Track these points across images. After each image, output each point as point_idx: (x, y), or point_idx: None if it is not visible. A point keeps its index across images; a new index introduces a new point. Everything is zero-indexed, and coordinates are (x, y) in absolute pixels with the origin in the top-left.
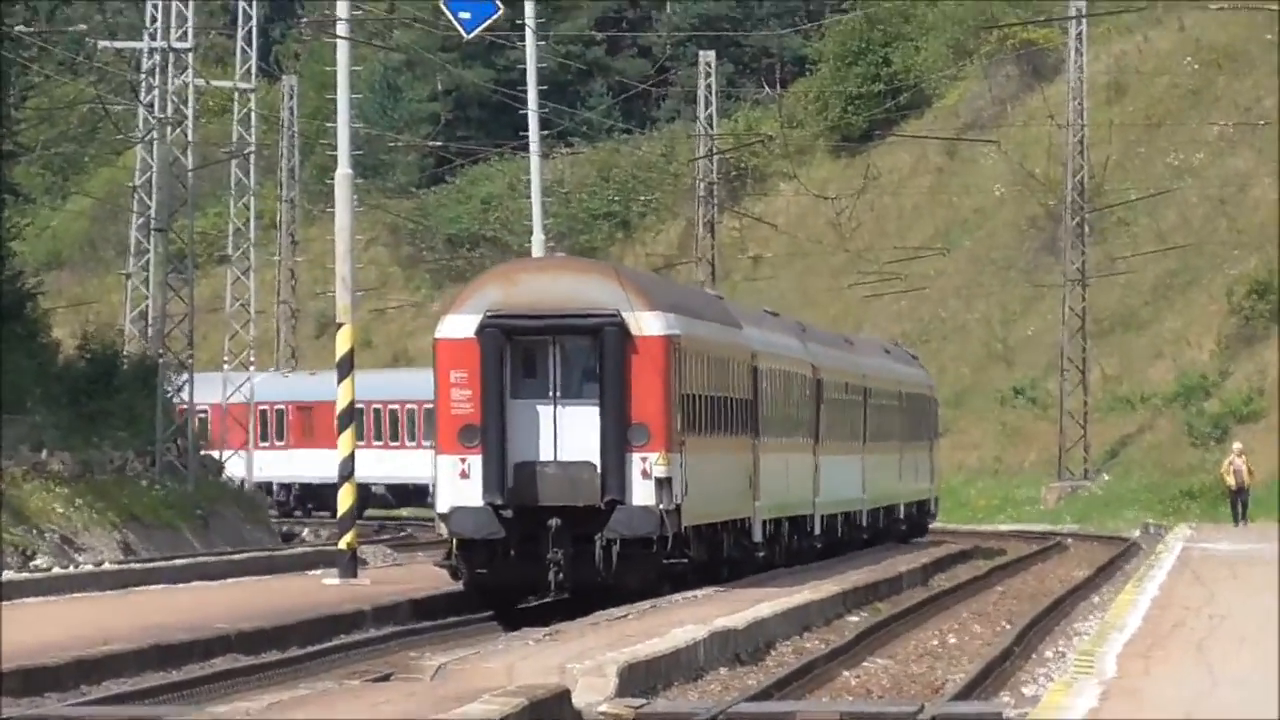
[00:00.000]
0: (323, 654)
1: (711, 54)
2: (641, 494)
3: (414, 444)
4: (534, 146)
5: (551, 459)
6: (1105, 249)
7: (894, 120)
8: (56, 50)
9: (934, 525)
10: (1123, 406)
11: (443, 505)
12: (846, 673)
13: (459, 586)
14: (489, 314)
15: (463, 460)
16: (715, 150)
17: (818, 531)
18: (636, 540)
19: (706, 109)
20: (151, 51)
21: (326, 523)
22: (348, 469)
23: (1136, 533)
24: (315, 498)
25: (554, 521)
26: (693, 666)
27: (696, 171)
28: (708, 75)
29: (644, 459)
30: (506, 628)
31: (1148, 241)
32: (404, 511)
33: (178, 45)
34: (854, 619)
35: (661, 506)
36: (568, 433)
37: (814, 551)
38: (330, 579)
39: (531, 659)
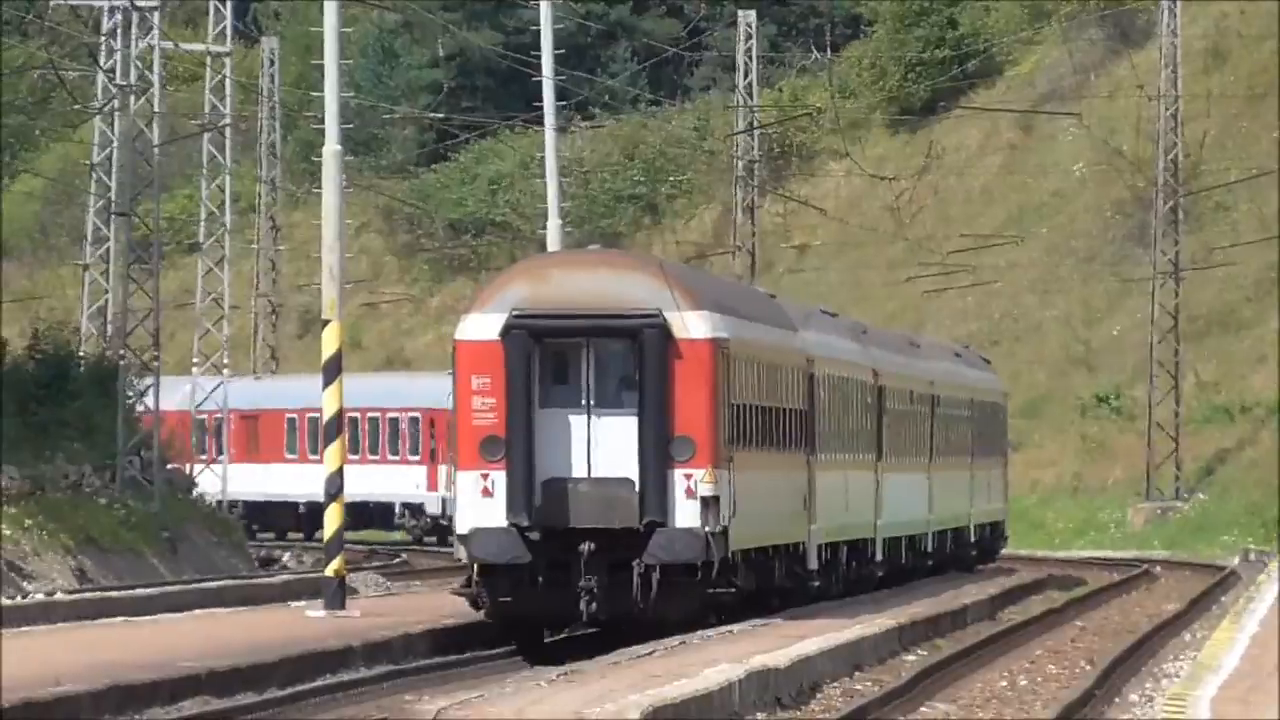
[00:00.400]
0: (306, 696)
1: (752, 13)
2: (685, 515)
3: (376, 458)
4: (549, 119)
5: (584, 475)
6: (1202, 238)
7: (960, 90)
8: (3, 8)
9: (1004, 551)
10: (1220, 417)
11: (462, 526)
12: (902, 718)
13: (462, 620)
14: (515, 313)
15: (485, 476)
16: (756, 124)
17: (879, 558)
18: (679, 567)
19: (746, 77)
20: (112, 10)
21: (310, 547)
22: (335, 486)
23: (1235, 560)
24: (259, 517)
25: (586, 545)
26: (727, 710)
27: (734, 148)
28: (748, 38)
29: (688, 476)
30: (530, 662)
31: (1250, 230)
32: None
33: (142, 3)
34: (911, 657)
35: (707, 529)
36: (603, 446)
37: (874, 580)
38: (315, 611)
39: (544, 702)
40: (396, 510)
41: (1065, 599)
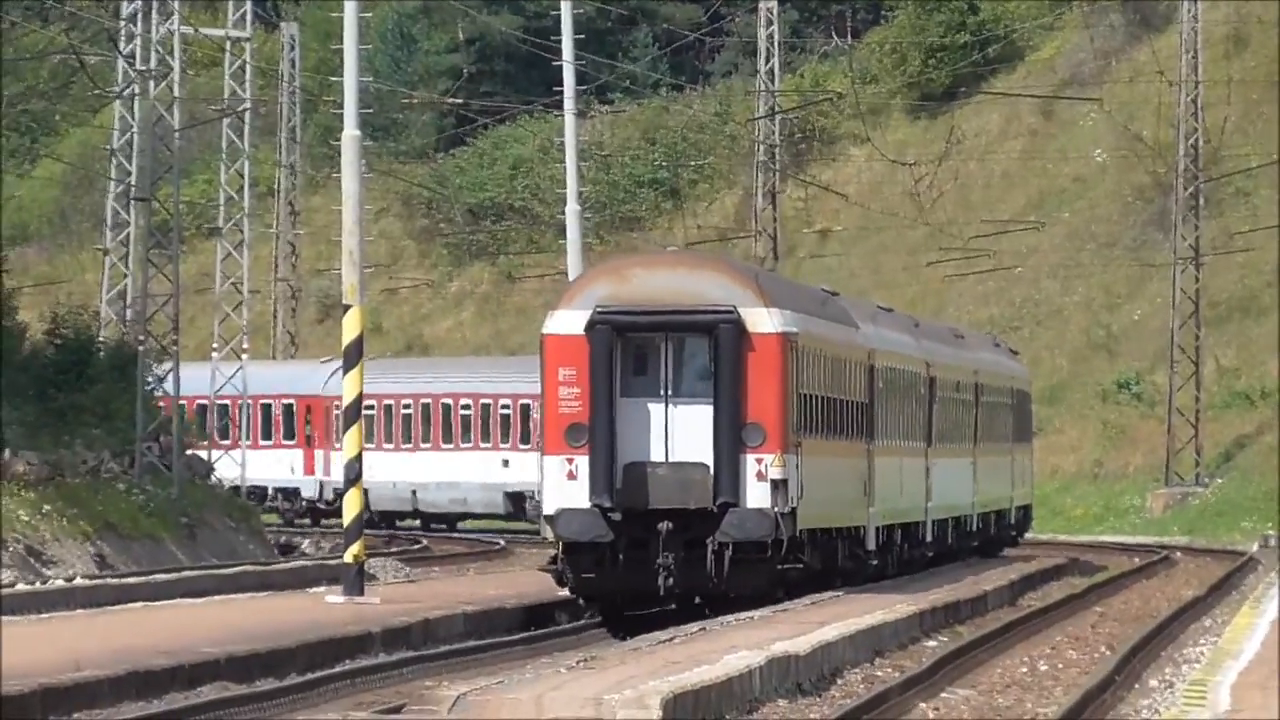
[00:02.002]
0: (325, 682)
1: None
2: (756, 496)
3: (268, 443)
4: (569, 104)
5: (662, 460)
6: (1222, 223)
7: (981, 76)
8: None
9: (1025, 537)
10: (1240, 403)
11: (549, 507)
12: (923, 705)
13: (481, 607)
14: (599, 309)
15: (570, 461)
16: (777, 109)
17: (929, 539)
18: (750, 544)
19: (767, 62)
20: None
21: (330, 533)
22: (354, 471)
23: (1254, 546)
24: None
25: (664, 525)
26: (747, 697)
27: (755, 133)
28: (769, 23)
29: (759, 460)
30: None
31: (1270, 215)
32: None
33: None
34: (932, 643)
35: (776, 509)
36: (679, 432)
37: (925, 560)
38: (334, 597)
39: (564, 689)
40: (269, 493)
41: (1085, 584)
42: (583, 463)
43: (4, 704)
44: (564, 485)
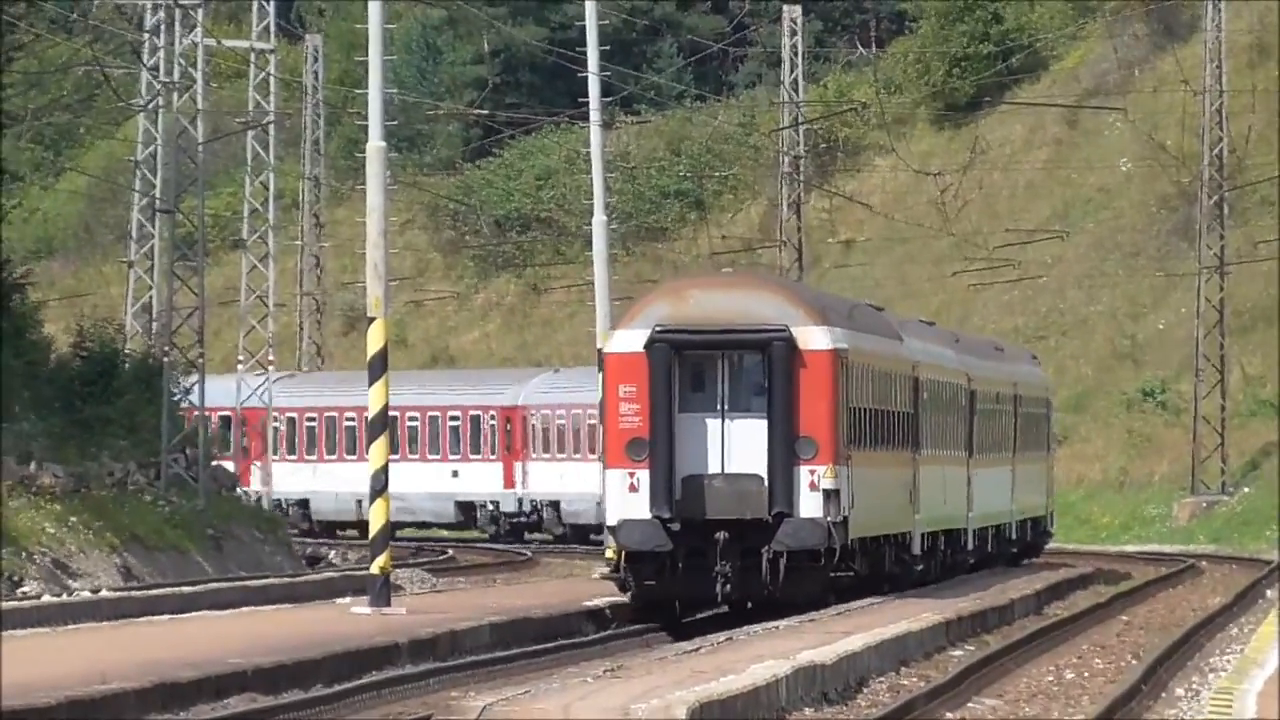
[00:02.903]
0: (352, 693)
1: (798, 9)
2: (809, 506)
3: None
4: (594, 115)
5: (719, 472)
6: (1247, 232)
7: (1005, 86)
8: (47, 5)
9: (1050, 546)
10: (1266, 411)
11: (611, 518)
12: (949, 714)
13: (507, 617)
14: (658, 328)
15: (631, 474)
16: (801, 120)
17: (971, 545)
18: (804, 553)
19: (791, 73)
20: (156, 7)
21: (356, 544)
22: (380, 482)
23: (1278, 555)
24: None
25: (721, 534)
26: (773, 707)
27: (780, 144)
28: (793, 34)
29: (812, 471)
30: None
31: None
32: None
33: (185, 0)
34: (958, 653)
35: (829, 519)
36: (735, 446)
37: (966, 565)
38: (360, 608)
39: (590, 698)
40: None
41: (1111, 593)
42: (643, 475)
43: (29, 717)
44: (626, 497)
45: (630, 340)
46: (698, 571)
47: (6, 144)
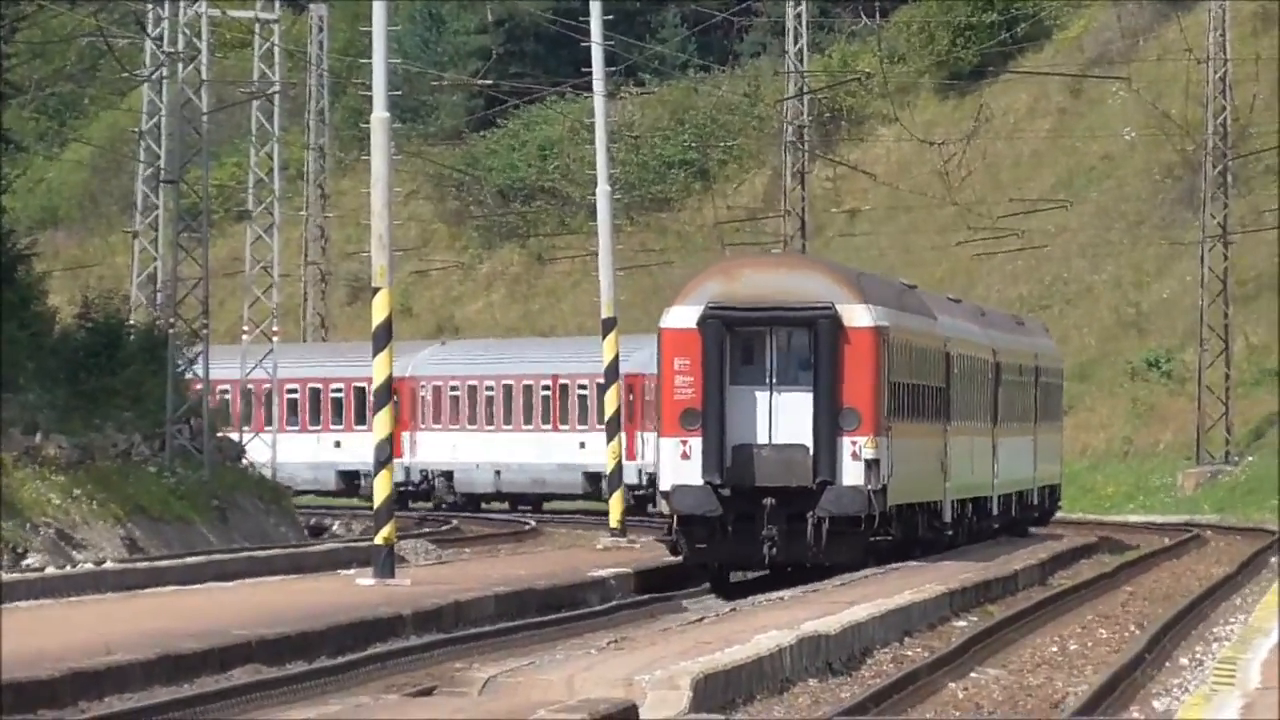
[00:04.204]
0: (356, 664)
1: None
2: (851, 475)
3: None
4: (598, 85)
5: (767, 442)
6: (1251, 201)
7: (1009, 55)
8: None
9: (1055, 516)
10: (1270, 380)
11: (664, 484)
12: (953, 684)
13: (512, 588)
14: (710, 306)
15: (684, 442)
16: (806, 89)
17: (996, 511)
18: (846, 518)
19: (796, 42)
20: None
21: (360, 514)
22: (385, 453)
23: None
24: None
25: (769, 500)
26: (778, 677)
27: (784, 114)
28: (797, 3)
29: (854, 442)
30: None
31: None
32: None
33: None
34: (962, 623)
35: (869, 487)
36: (782, 417)
37: (992, 530)
38: (364, 579)
39: (594, 669)
40: None
41: (1116, 563)
42: (696, 444)
43: (33, 689)
44: (679, 464)
45: (685, 316)
46: (746, 535)
47: (10, 115)
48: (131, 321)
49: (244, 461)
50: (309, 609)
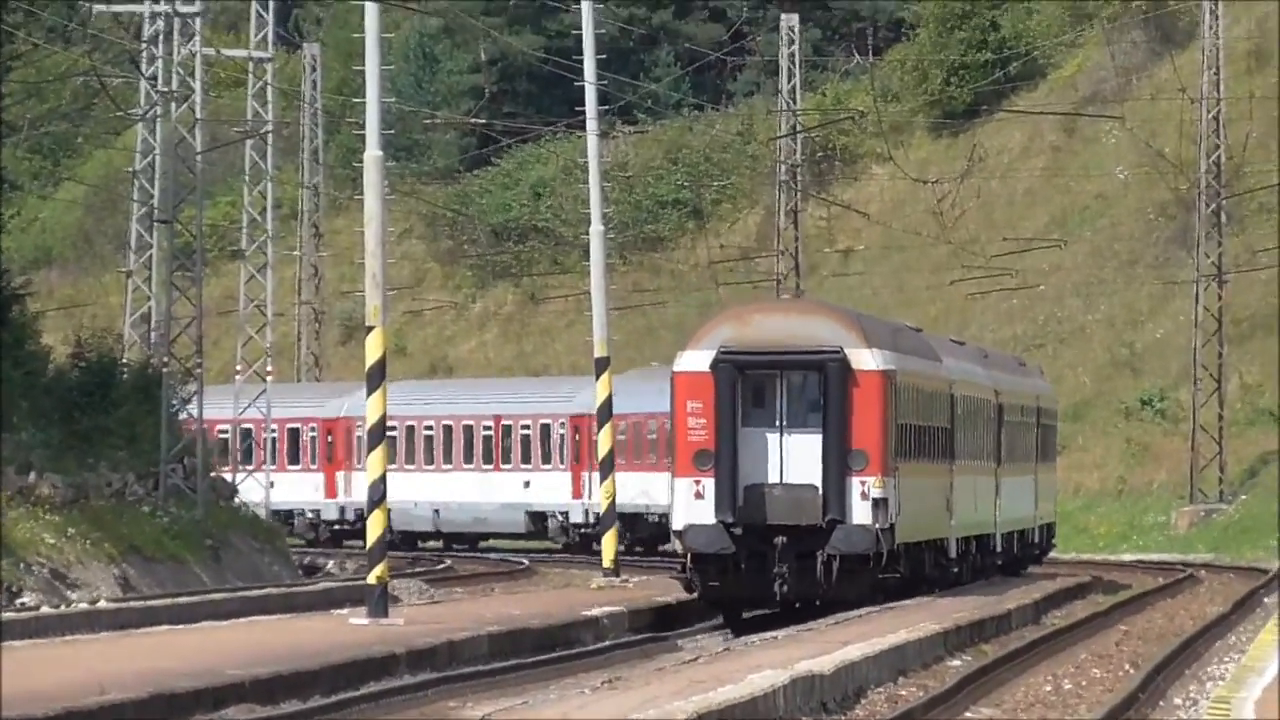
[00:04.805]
0: (350, 703)
1: (795, 17)
2: (860, 514)
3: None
4: (591, 124)
5: (778, 481)
6: (1245, 240)
7: (1003, 94)
8: (45, 14)
9: (1049, 555)
10: (1264, 420)
11: (678, 523)
12: None
13: (505, 627)
14: (723, 350)
15: (697, 482)
16: (799, 128)
17: (999, 549)
18: (855, 556)
19: (789, 81)
20: (154, 16)
21: (354, 554)
22: (379, 493)
23: (1278, 564)
24: None
25: (780, 539)
26: (772, 716)
27: (777, 152)
28: (790, 42)
29: (862, 482)
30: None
31: None
32: None
33: (184, 9)
34: (956, 662)
35: (877, 525)
36: (793, 457)
37: (995, 568)
38: (358, 618)
39: (588, 708)
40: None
41: (1109, 602)
42: (709, 484)
43: None
44: (692, 504)
45: (697, 360)
46: (758, 573)
47: (5, 154)
48: (125, 361)
49: (237, 501)
50: (303, 648)
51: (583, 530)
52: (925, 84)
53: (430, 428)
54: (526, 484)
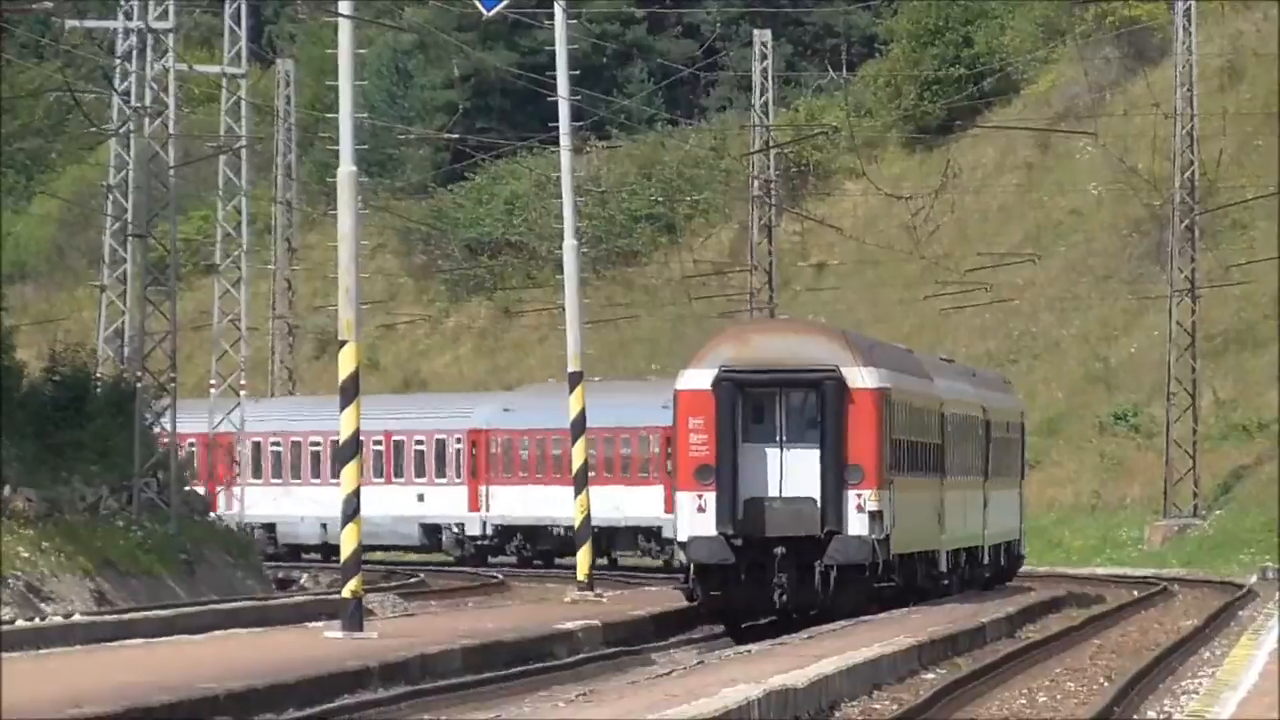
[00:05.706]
0: (324, 717)
1: (768, 33)
2: (856, 525)
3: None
4: (564, 140)
5: (777, 495)
6: (1218, 255)
7: (977, 109)
8: (18, 31)
9: (1022, 569)
10: (1238, 435)
11: (682, 535)
12: None
13: (479, 641)
14: (723, 369)
15: (699, 496)
16: (772, 143)
17: (986, 560)
18: (852, 566)
19: (762, 96)
20: (127, 32)
21: (328, 568)
22: (352, 506)
23: (1253, 578)
24: None
25: (779, 550)
26: None
27: (751, 168)
28: (763, 57)
29: (859, 495)
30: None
31: (1267, 247)
32: None
33: (157, 25)
34: (930, 676)
35: (873, 537)
36: (792, 472)
37: (983, 579)
38: (332, 632)
39: None
40: None
41: (1084, 617)
42: (710, 497)
43: None
44: (695, 517)
45: (699, 379)
46: (758, 583)
47: None
48: (99, 375)
49: (211, 515)
50: (277, 662)
51: (479, 543)
52: (898, 99)
53: (317, 443)
54: (420, 497)
